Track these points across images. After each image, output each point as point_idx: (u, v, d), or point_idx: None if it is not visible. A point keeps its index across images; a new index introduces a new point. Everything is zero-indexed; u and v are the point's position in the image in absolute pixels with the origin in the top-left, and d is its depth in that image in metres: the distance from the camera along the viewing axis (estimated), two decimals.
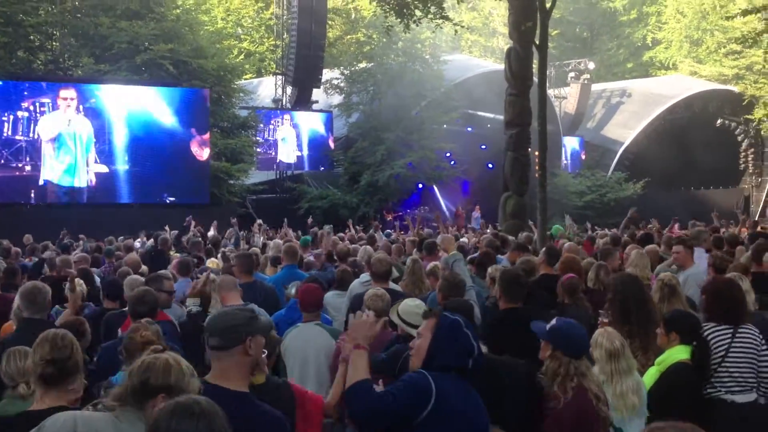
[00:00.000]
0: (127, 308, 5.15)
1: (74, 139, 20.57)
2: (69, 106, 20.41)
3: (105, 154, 21.07)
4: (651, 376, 4.18)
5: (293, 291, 6.03)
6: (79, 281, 6.50)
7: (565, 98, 36.19)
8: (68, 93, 20.45)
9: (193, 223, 14.13)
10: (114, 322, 5.37)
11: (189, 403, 2.06)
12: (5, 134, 19.96)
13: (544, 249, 7.26)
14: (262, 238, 13.89)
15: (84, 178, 20.82)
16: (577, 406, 3.52)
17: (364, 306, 4.84)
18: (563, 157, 34.85)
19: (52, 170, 20.40)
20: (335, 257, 8.72)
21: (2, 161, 19.97)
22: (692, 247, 7.30)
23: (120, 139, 21.22)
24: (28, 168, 20.25)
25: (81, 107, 20.57)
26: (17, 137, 20.07)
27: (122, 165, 21.32)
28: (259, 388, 3.57)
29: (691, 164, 31.85)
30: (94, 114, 20.84)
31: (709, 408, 4.20)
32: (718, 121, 34.41)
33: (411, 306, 4.42)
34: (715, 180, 33.63)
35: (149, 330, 3.84)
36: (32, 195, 20.35)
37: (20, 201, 20.37)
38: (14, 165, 20.13)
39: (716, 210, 16.75)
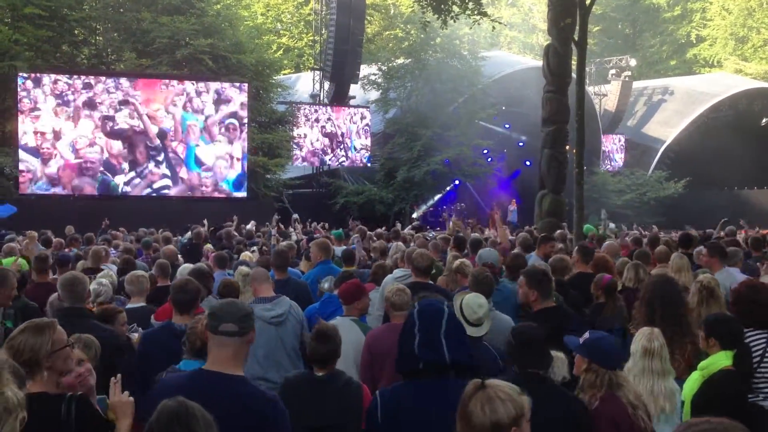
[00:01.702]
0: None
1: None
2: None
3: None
4: (694, 380, 4.09)
5: (326, 285, 6.07)
6: (108, 272, 6.61)
7: (605, 95, 35.69)
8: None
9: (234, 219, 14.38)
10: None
11: (190, 407, 2.05)
12: None
13: (577, 247, 7.19)
14: (297, 232, 13.97)
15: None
16: (611, 413, 3.44)
17: (387, 300, 4.88)
18: (602, 155, 34.42)
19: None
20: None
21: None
22: (722, 252, 7.10)
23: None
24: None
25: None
26: None
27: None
28: (321, 379, 3.78)
29: (735, 164, 31.19)
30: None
31: (751, 415, 4.11)
32: (764, 120, 33.60)
33: (475, 302, 4.42)
34: (759, 180, 32.87)
35: None
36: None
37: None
38: None
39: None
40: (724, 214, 16.08)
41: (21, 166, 20.00)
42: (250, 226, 14.46)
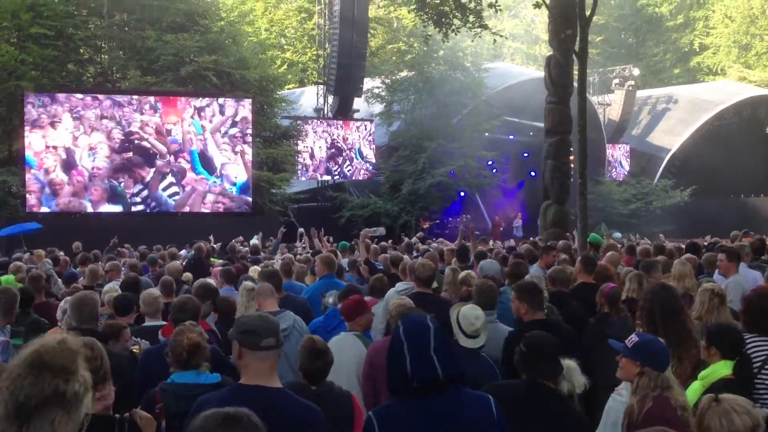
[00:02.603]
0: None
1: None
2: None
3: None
4: (694, 391, 4.08)
5: (330, 300, 6.09)
6: (113, 287, 6.62)
7: (609, 105, 35.73)
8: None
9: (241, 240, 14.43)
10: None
11: (239, 414, 2.06)
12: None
13: (580, 258, 7.20)
14: (303, 246, 14.01)
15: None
16: (662, 415, 3.43)
17: (389, 315, 4.91)
18: (608, 165, 34.43)
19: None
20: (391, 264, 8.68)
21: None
22: (738, 256, 7.18)
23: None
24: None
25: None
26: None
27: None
28: (318, 392, 3.81)
29: (741, 171, 31.16)
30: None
31: None
32: None
33: (471, 313, 4.43)
34: (766, 187, 32.81)
35: (194, 332, 3.87)
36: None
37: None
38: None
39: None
40: (731, 222, 16.11)
41: (32, 185, 20.18)
42: (255, 240, 14.48)
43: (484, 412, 2.83)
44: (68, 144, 20.45)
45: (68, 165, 20.48)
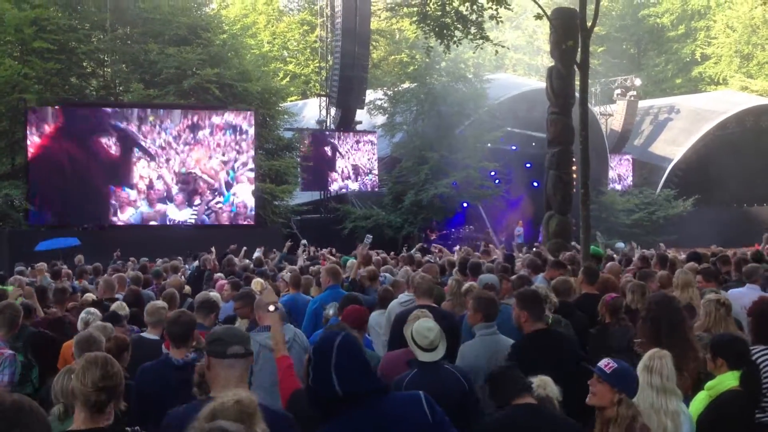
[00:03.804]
0: None
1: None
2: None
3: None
4: (701, 401, 4.06)
5: (331, 312, 6.07)
6: (121, 304, 6.60)
7: (611, 115, 35.71)
8: None
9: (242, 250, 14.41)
10: None
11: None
12: None
13: (582, 268, 7.17)
14: (304, 258, 13.97)
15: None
16: None
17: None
18: (610, 175, 34.41)
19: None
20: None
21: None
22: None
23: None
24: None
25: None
26: None
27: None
28: None
29: (743, 180, 31.14)
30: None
31: None
32: None
33: (423, 327, 4.34)
34: None
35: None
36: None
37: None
38: None
39: None
40: (734, 232, 16.05)
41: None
42: (258, 253, 14.45)
43: (415, 414, 2.75)
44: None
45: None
